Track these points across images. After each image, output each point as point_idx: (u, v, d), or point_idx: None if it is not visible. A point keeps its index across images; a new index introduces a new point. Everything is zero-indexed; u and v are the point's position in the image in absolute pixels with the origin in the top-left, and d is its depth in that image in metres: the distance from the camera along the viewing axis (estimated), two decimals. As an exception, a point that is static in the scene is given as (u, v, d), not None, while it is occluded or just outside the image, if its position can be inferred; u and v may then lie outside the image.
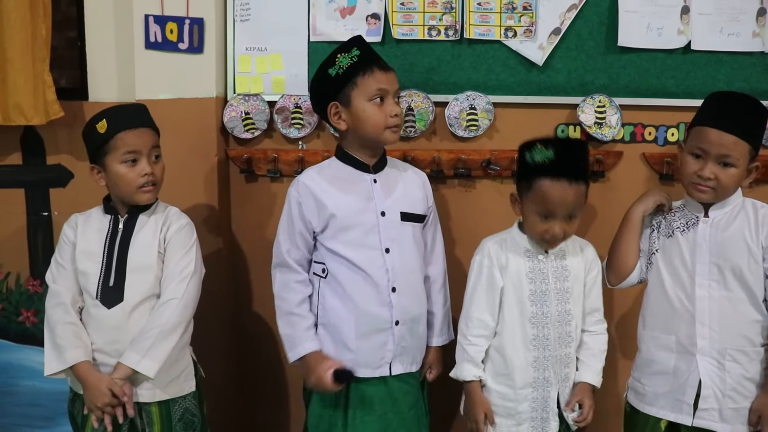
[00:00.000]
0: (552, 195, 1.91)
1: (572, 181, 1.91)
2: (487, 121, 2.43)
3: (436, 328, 2.16)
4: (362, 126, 2.00)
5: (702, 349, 1.93)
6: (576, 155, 1.96)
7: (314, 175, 2.07)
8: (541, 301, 1.98)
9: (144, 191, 2.00)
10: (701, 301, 1.94)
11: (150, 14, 2.42)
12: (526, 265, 2.00)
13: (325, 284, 2.04)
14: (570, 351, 2.01)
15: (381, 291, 2.00)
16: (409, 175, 2.15)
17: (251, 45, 2.49)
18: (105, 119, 1.98)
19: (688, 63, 2.40)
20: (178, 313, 1.96)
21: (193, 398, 2.08)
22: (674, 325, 1.97)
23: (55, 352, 1.95)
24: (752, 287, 1.92)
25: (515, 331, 1.99)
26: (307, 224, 2.04)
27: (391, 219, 2.03)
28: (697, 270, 1.95)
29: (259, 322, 2.60)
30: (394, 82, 2.02)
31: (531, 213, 1.96)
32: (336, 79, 2.00)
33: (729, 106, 1.93)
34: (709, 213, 1.97)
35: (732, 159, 1.89)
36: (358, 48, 2.00)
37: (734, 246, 1.93)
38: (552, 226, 1.93)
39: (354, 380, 1.99)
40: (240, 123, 2.49)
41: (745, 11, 2.36)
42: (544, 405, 2.00)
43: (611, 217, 2.40)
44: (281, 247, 2.06)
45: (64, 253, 2.04)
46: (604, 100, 2.40)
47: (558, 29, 2.40)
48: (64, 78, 2.55)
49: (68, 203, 2.52)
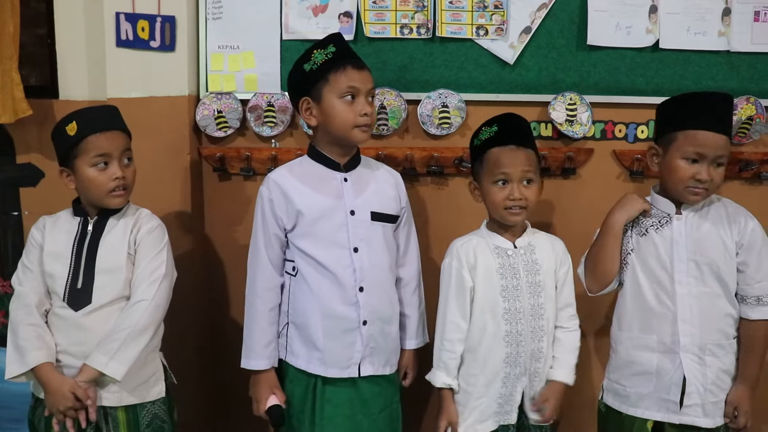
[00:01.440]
0: (502, 158, 1.98)
1: (519, 145, 2.00)
2: (460, 119, 2.45)
3: (411, 331, 2.16)
4: (331, 122, 2.00)
5: (685, 346, 1.94)
6: (518, 124, 2.06)
7: (285, 173, 2.07)
8: (513, 297, 2.00)
9: (115, 195, 1.97)
10: (682, 299, 1.95)
11: (121, 12, 2.40)
12: (495, 261, 2.02)
13: (295, 283, 2.04)
14: (542, 345, 2.02)
15: (347, 290, 1.99)
16: (383, 175, 2.15)
17: (223, 43, 2.48)
18: (75, 121, 1.94)
19: (656, 61, 2.44)
20: (148, 315, 1.94)
21: (162, 404, 2.04)
22: (655, 324, 1.98)
23: (16, 354, 1.91)
24: (727, 282, 1.96)
25: (487, 328, 2.00)
26: (278, 221, 2.03)
27: (361, 218, 2.03)
28: (676, 267, 1.96)
29: (234, 324, 2.58)
30: (368, 81, 2.02)
31: (489, 185, 2.00)
32: (310, 74, 2.00)
33: (715, 106, 1.95)
34: (682, 210, 1.99)
35: (724, 158, 1.93)
36: (334, 45, 2.00)
37: (710, 242, 1.96)
38: (511, 190, 1.97)
39: (281, 422, 2.03)
40: (213, 121, 2.48)
41: (711, 11, 2.40)
42: (509, 399, 2.02)
43: (582, 214, 2.44)
44: (258, 244, 2.05)
45: (31, 255, 2.01)
46: (574, 97, 2.43)
47: (529, 28, 2.43)
48: (34, 76, 2.52)
49: (39, 203, 2.50)
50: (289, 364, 2.05)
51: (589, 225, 2.14)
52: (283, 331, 2.06)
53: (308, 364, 2.02)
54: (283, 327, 2.06)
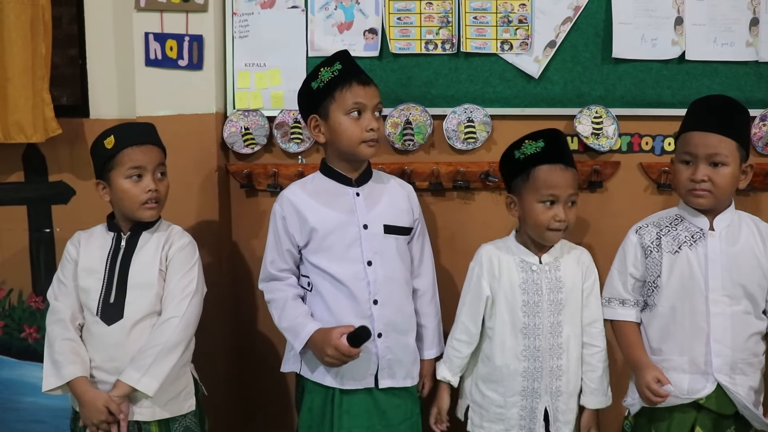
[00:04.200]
0: (552, 177, 1.96)
1: (566, 165, 1.98)
2: (485, 133, 2.45)
3: (428, 341, 2.16)
4: (338, 139, 2.02)
5: (717, 367, 1.90)
6: (564, 142, 2.05)
7: (297, 190, 2.09)
8: (533, 312, 2.00)
9: (147, 208, 2.01)
10: (716, 318, 1.91)
11: (150, 32, 2.44)
12: (519, 276, 2.02)
13: (311, 297, 2.06)
14: (561, 363, 2.01)
15: (361, 304, 2.00)
16: (394, 188, 2.16)
17: (250, 61, 2.52)
18: (113, 135, 2.01)
19: (683, 73, 2.43)
20: (179, 332, 1.97)
21: (193, 416, 2.07)
22: (687, 345, 1.93)
23: (53, 368, 1.96)
24: (758, 300, 1.93)
25: (506, 340, 2.00)
26: (291, 238, 2.06)
27: (374, 232, 2.04)
28: (711, 286, 1.91)
29: (261, 337, 2.60)
30: (374, 97, 2.03)
31: (533, 203, 1.98)
32: (317, 92, 2.03)
33: (708, 107, 1.95)
34: (714, 225, 1.95)
35: (721, 157, 1.89)
36: (340, 62, 2.03)
37: (745, 259, 1.93)
38: (557, 211, 1.96)
39: (369, 337, 1.94)
40: (240, 138, 2.50)
41: (738, 21, 2.39)
42: (531, 415, 2.01)
43: (609, 227, 2.42)
44: (267, 260, 2.10)
45: (66, 270, 2.05)
46: (600, 110, 2.42)
47: (553, 42, 2.43)
48: (66, 95, 2.57)
49: (70, 220, 2.54)
50: (307, 378, 2.06)
51: (616, 238, 2.12)
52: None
53: (324, 377, 2.03)
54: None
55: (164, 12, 2.44)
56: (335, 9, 2.47)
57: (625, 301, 2.04)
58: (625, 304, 2.04)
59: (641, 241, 2.01)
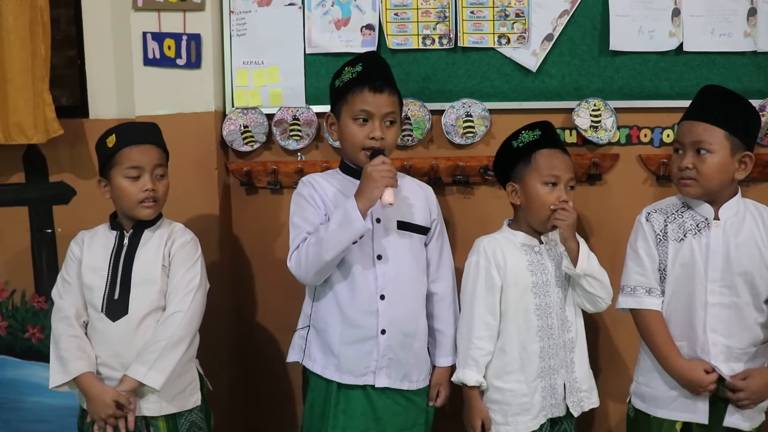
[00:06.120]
0: (553, 160, 2.02)
1: (563, 151, 2.06)
2: (484, 127, 2.46)
3: (445, 348, 2.11)
4: (343, 141, 2.05)
5: (714, 355, 1.92)
6: (556, 133, 2.12)
7: (318, 178, 2.11)
8: (543, 292, 2.02)
9: (144, 206, 2.03)
10: (713, 308, 1.92)
11: (148, 31, 2.45)
12: (524, 258, 2.04)
13: (320, 287, 2.05)
14: (571, 336, 2.05)
15: (368, 298, 1.99)
16: (412, 187, 2.15)
17: (248, 59, 2.52)
18: (115, 134, 2.03)
19: (681, 64, 2.43)
20: (184, 326, 1.99)
21: (199, 411, 2.10)
22: (685, 331, 1.96)
23: (59, 364, 1.98)
24: (760, 291, 1.93)
25: (520, 324, 2.01)
26: (317, 209, 2.02)
27: (387, 226, 2.04)
28: (710, 276, 1.93)
29: (263, 332, 2.61)
30: (384, 106, 2.01)
31: (537, 186, 2.01)
32: (337, 90, 2.06)
33: (698, 97, 1.98)
34: (719, 215, 1.95)
35: (705, 145, 1.89)
36: (362, 64, 2.03)
37: (747, 251, 1.93)
38: (560, 192, 1.99)
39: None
40: (239, 136, 2.51)
41: (735, 11, 2.39)
42: (552, 392, 2.03)
43: (609, 220, 2.43)
44: (298, 236, 2.00)
45: (70, 269, 2.08)
46: (598, 103, 2.42)
47: (551, 35, 2.43)
48: (65, 96, 2.59)
49: (71, 220, 2.55)
50: (310, 371, 2.06)
51: (616, 231, 2.13)
52: (304, 334, 2.08)
53: (324, 369, 2.02)
54: (305, 329, 2.08)
55: (162, 11, 2.45)
56: (332, 5, 2.47)
57: (652, 290, 2.00)
58: (651, 293, 2.00)
59: (653, 228, 2.01)
